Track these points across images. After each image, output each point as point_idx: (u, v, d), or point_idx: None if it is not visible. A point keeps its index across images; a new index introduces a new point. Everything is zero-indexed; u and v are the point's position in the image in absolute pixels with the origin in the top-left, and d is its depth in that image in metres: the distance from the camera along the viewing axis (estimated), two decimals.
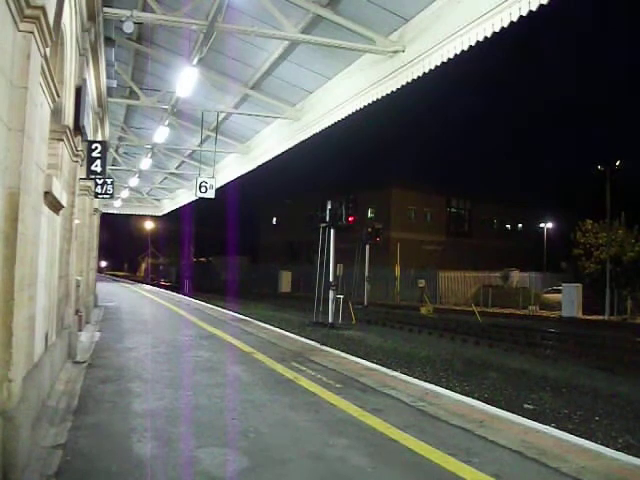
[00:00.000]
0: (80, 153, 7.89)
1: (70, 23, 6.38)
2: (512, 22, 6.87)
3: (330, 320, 19.39)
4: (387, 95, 9.70)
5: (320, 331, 17.63)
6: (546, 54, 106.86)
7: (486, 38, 7.31)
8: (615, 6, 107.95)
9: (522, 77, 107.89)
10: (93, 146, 9.19)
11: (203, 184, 15.10)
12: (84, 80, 7.73)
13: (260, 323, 14.45)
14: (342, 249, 21.95)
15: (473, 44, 7.53)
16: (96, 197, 13.56)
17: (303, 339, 11.44)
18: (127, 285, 38.96)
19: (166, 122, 15.46)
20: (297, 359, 8.50)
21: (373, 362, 9.15)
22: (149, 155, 20.07)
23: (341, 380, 6.98)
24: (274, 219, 64.33)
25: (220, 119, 15.63)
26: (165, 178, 27.13)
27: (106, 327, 11.91)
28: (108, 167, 13.90)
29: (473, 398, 6.80)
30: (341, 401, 5.85)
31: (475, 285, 40.91)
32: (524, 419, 5.54)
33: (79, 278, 9.29)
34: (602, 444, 5.26)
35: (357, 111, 10.78)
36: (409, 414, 5.47)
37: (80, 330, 9.65)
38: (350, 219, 21.15)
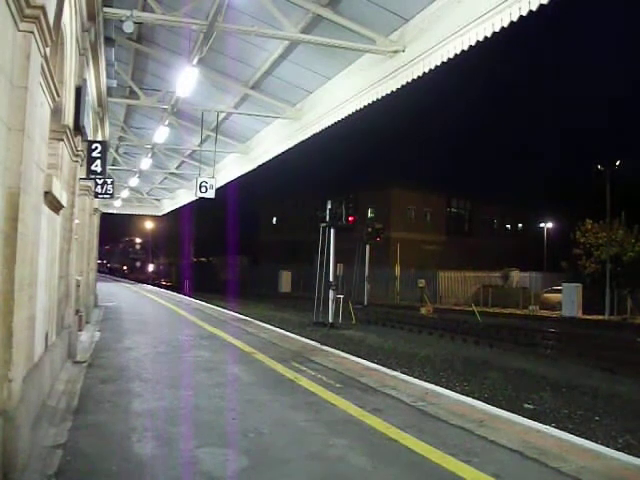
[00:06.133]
0: (80, 153, 7.89)
1: (70, 23, 6.38)
2: (512, 22, 6.87)
3: (330, 320, 19.40)
4: (387, 95, 9.70)
5: (320, 331, 17.65)
6: (546, 54, 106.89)
7: (486, 38, 7.31)
8: (615, 6, 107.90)
9: (522, 76, 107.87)
10: (93, 146, 9.20)
11: (203, 184, 15.09)
12: (84, 80, 7.73)
13: (260, 323, 14.45)
14: (342, 249, 21.95)
15: (473, 44, 7.53)
16: (96, 197, 13.57)
17: (303, 339, 11.44)
18: (127, 285, 38.97)
19: (166, 122, 15.45)
20: (297, 359, 8.50)
21: (373, 362, 9.15)
22: (149, 155, 20.04)
23: (341, 380, 6.98)
24: (274, 219, 64.34)
25: (220, 119, 15.62)
26: (165, 178, 27.12)
27: (106, 327, 11.92)
28: (108, 167, 13.88)
29: (473, 398, 6.79)
30: (341, 401, 5.85)
31: (475, 285, 40.90)
32: (524, 419, 5.54)
33: (79, 278, 9.29)
34: (602, 444, 5.25)
35: (357, 111, 10.77)
36: (409, 414, 5.47)
37: (80, 330, 9.65)
38: (350, 219, 21.18)
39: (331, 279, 20.02)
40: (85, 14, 7.42)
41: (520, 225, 59.13)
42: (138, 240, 72.05)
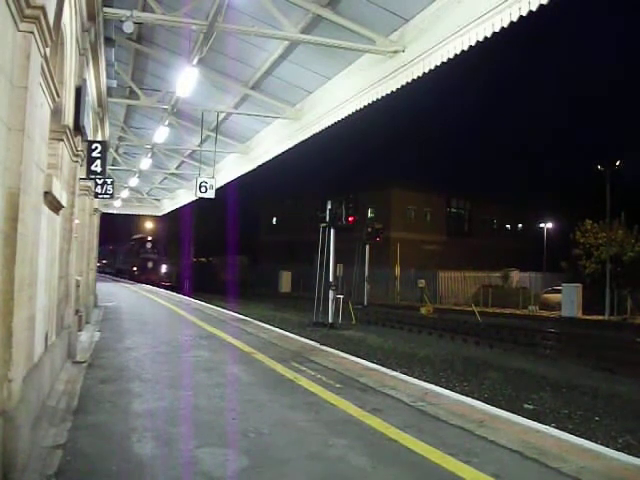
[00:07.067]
0: (80, 153, 7.89)
1: (70, 23, 6.37)
2: (512, 22, 6.88)
3: (330, 320, 19.41)
4: (387, 95, 9.70)
5: (320, 331, 17.66)
6: (547, 54, 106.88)
7: (486, 38, 7.31)
8: (615, 6, 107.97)
9: (522, 76, 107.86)
10: (93, 146, 9.19)
11: (203, 184, 15.10)
12: (84, 80, 7.73)
13: (260, 323, 14.45)
14: (342, 249, 21.95)
15: (473, 44, 7.52)
16: (96, 197, 13.57)
17: (303, 339, 11.44)
18: (127, 285, 38.94)
19: (166, 122, 15.44)
20: (297, 359, 8.50)
21: (373, 362, 9.16)
22: (149, 155, 20.04)
23: (341, 380, 6.98)
24: (274, 219, 64.32)
25: (220, 119, 15.62)
26: (165, 178, 27.11)
27: (106, 327, 11.91)
28: (108, 167, 13.88)
29: (473, 398, 6.79)
30: (341, 401, 5.85)
31: (475, 285, 40.93)
32: (524, 419, 5.54)
33: (79, 278, 9.29)
34: (602, 444, 5.26)
35: (357, 111, 10.76)
36: (409, 414, 5.47)
37: (80, 330, 9.65)
38: (350, 219, 21.19)
39: (331, 279, 20.02)
40: (85, 14, 7.42)
41: (520, 225, 59.10)
42: (149, 238, 65.38)
